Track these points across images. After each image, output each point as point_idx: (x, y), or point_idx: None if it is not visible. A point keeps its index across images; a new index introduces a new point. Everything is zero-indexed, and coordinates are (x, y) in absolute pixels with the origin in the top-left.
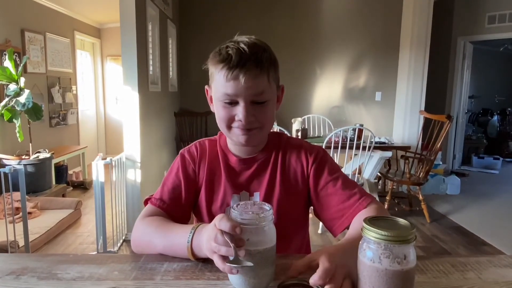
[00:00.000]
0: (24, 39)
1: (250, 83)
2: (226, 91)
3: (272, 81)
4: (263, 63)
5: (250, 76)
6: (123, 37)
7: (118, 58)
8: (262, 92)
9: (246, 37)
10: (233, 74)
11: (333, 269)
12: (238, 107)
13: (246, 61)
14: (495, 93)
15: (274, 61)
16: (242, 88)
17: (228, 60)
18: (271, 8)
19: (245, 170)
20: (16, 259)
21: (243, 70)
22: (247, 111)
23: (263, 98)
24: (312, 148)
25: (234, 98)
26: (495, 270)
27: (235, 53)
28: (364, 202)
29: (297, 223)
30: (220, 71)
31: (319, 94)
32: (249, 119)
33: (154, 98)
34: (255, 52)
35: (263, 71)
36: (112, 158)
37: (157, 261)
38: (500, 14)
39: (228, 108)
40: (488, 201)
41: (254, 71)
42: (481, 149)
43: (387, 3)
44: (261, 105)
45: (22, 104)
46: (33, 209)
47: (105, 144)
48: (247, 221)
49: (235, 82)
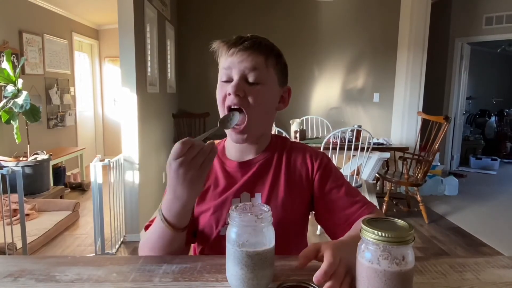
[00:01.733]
0: (22, 40)
1: (244, 56)
2: (224, 64)
3: (271, 67)
4: (261, 45)
5: (246, 51)
6: (121, 38)
7: (116, 59)
8: (254, 68)
9: (252, 35)
10: (231, 50)
11: (337, 263)
12: (231, 84)
13: (245, 40)
14: (493, 94)
15: (278, 54)
16: (236, 61)
17: (229, 40)
18: (269, 10)
19: (245, 173)
20: (13, 261)
21: (240, 46)
22: (238, 83)
23: (255, 76)
24: (317, 154)
25: (229, 73)
26: (493, 271)
27: (237, 37)
28: (367, 209)
29: (298, 224)
30: (222, 49)
31: (318, 96)
32: (237, 91)
33: (152, 100)
34: (256, 37)
35: (259, 51)
36: (110, 159)
37: (156, 263)
38: (497, 16)
39: (224, 86)
40: (486, 202)
41: (250, 49)
42: (479, 150)
43: (385, 4)
44: (253, 85)
45: (19, 105)
46: (31, 211)
47: (103, 145)
48: (245, 223)
49: (232, 56)
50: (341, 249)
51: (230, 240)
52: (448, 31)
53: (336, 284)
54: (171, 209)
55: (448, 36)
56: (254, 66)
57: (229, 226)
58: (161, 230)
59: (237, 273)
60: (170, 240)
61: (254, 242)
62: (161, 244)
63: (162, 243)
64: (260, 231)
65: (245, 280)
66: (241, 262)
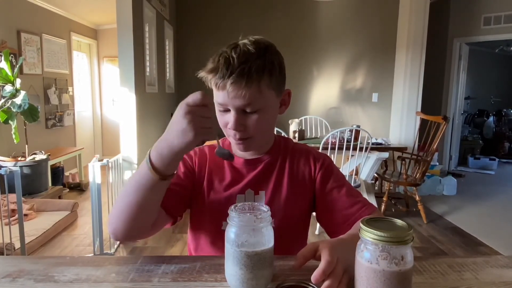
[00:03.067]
0: (20, 40)
1: (236, 93)
2: (217, 99)
3: (266, 89)
4: (251, 72)
5: (236, 87)
6: (120, 38)
7: (115, 59)
8: (249, 103)
9: (248, 39)
10: (221, 85)
11: (335, 262)
12: (229, 115)
13: (232, 72)
14: (491, 94)
15: (270, 68)
16: (229, 99)
17: (216, 70)
18: (268, 9)
19: (251, 171)
20: (12, 261)
21: (229, 81)
22: (236, 120)
23: (252, 108)
24: (319, 155)
25: (225, 107)
26: (492, 271)
27: (223, 63)
28: (367, 210)
29: (300, 223)
30: (211, 80)
31: (316, 96)
32: (238, 128)
33: (151, 99)
34: (245, 61)
35: (251, 81)
36: (109, 159)
37: (155, 263)
38: (496, 16)
39: (223, 114)
40: (485, 201)
41: (240, 82)
42: (477, 150)
43: (384, 4)
44: (251, 114)
45: (18, 105)
46: (29, 211)
47: (102, 145)
48: (244, 223)
49: (223, 92)
50: (339, 247)
51: (229, 240)
52: (446, 31)
53: (334, 283)
54: (162, 153)
55: (446, 36)
56: (248, 102)
57: (228, 226)
58: (142, 177)
59: (236, 273)
60: (148, 190)
61: (253, 242)
62: (136, 198)
63: (138, 196)
64: (259, 231)
65: (244, 280)
66: (240, 262)
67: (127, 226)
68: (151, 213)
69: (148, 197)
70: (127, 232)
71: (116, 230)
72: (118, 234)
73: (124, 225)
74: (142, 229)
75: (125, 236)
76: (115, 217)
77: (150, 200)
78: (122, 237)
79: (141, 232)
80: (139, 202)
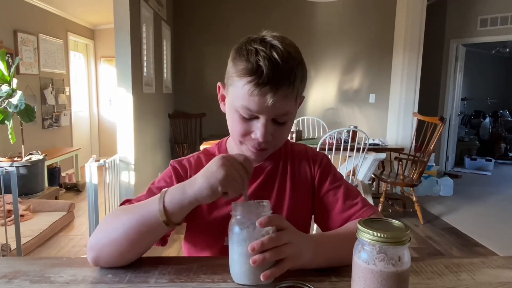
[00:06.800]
0: (16, 40)
1: (278, 103)
2: (248, 105)
3: (298, 99)
4: (296, 81)
5: (280, 97)
6: (117, 38)
7: (112, 59)
8: (287, 112)
9: (277, 38)
10: (261, 90)
11: (280, 243)
12: (256, 123)
13: (279, 78)
14: (487, 95)
15: (305, 75)
16: (267, 107)
17: (258, 74)
18: (266, 10)
19: (253, 181)
20: (8, 262)
21: (274, 89)
22: (267, 130)
23: (286, 118)
24: (318, 154)
25: (252, 113)
26: (489, 271)
27: (268, 67)
28: (365, 213)
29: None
30: (246, 83)
31: (314, 96)
32: (267, 138)
33: (148, 100)
34: (290, 69)
35: (294, 91)
36: (106, 160)
37: (151, 264)
38: (492, 18)
39: (245, 122)
40: (481, 202)
41: (285, 91)
42: (474, 151)
43: (381, 5)
44: (281, 124)
45: (14, 105)
46: (25, 212)
47: (99, 146)
48: (248, 209)
49: (261, 99)
50: (301, 238)
51: (233, 230)
52: (443, 33)
53: (270, 257)
54: (180, 199)
55: (443, 37)
56: (285, 112)
57: (232, 218)
58: (146, 213)
59: (242, 262)
60: (147, 228)
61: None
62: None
63: (134, 232)
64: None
65: (251, 271)
66: (246, 252)
67: (112, 260)
68: (142, 251)
69: (145, 237)
70: (110, 263)
71: (98, 259)
72: (100, 263)
73: (110, 258)
74: (128, 261)
75: (107, 266)
76: (100, 245)
77: (146, 239)
78: (104, 266)
79: (126, 262)
80: (134, 239)
